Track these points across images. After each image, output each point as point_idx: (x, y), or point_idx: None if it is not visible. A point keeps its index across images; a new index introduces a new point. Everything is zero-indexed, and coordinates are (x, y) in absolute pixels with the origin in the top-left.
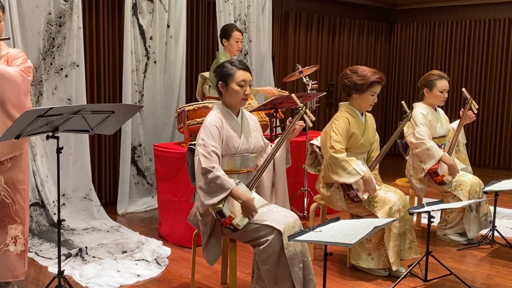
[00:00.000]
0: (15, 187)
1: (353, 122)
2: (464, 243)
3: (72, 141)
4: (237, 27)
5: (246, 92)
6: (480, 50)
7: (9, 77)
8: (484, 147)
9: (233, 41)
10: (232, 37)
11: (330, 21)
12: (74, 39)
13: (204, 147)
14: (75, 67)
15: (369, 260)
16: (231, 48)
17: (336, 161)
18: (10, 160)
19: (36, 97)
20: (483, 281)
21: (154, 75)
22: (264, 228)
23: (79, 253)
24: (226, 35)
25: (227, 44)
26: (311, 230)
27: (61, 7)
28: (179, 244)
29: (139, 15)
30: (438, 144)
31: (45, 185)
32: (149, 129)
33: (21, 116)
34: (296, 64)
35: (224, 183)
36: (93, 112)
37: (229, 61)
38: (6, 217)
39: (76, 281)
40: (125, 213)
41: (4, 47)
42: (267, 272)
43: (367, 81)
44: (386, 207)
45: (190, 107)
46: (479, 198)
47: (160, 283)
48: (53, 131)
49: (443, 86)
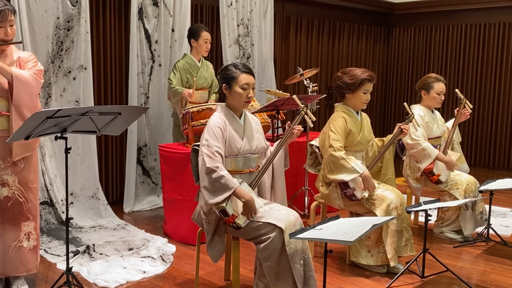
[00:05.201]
0: (27, 186)
1: (349, 120)
2: (460, 240)
3: (80, 141)
4: (206, 27)
5: (249, 95)
6: (475, 53)
7: (24, 80)
8: (480, 147)
9: (201, 42)
10: (200, 37)
11: (330, 26)
12: (82, 42)
13: (208, 147)
14: (83, 70)
15: (368, 257)
16: (200, 48)
17: (336, 159)
18: (23, 161)
19: (45, 99)
20: (478, 277)
21: (159, 77)
22: (266, 226)
23: (86, 250)
24: (195, 35)
25: (196, 45)
26: (311, 228)
27: (69, 11)
28: (183, 241)
29: (145, 19)
30: (434, 145)
31: (54, 185)
32: (154, 130)
33: (30, 117)
34: (297, 67)
35: (227, 182)
36: (100, 113)
37: (233, 64)
38: (19, 215)
39: (84, 278)
40: (131, 212)
41: (15, 50)
42: (269, 269)
43: (357, 79)
44: (384, 205)
45: (195, 109)
46: (475, 197)
47: (165, 280)
48: (62, 132)
49: (440, 89)
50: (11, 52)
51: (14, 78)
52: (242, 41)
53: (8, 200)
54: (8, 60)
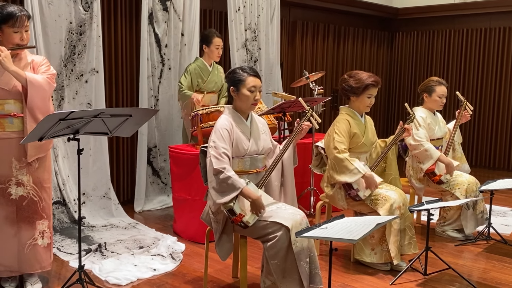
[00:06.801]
0: (41, 186)
1: (353, 123)
2: (461, 239)
3: (92, 143)
4: (218, 33)
5: (256, 98)
6: (476, 57)
7: (37, 84)
8: (480, 148)
9: (213, 48)
10: (212, 43)
11: (335, 30)
12: (93, 47)
13: (216, 149)
14: (95, 73)
15: (372, 255)
16: (212, 54)
17: (340, 161)
18: (37, 161)
19: (58, 102)
20: (479, 275)
21: (168, 80)
22: (273, 225)
23: (98, 248)
24: (207, 41)
25: (208, 50)
26: (317, 227)
27: (82, 16)
28: (193, 240)
29: (155, 24)
30: (436, 146)
31: (67, 185)
32: (164, 132)
33: (44, 119)
34: (303, 70)
35: (234, 183)
36: (112, 115)
37: (240, 67)
38: (34, 213)
39: (95, 275)
40: (142, 211)
41: (29, 54)
42: (275, 267)
43: (362, 84)
44: (387, 204)
45: (203, 111)
46: (476, 196)
47: (175, 277)
48: (74, 134)
49: (442, 92)
50: (25, 56)
51: (28, 82)
52: (249, 45)
53: (23, 200)
54: (22, 63)
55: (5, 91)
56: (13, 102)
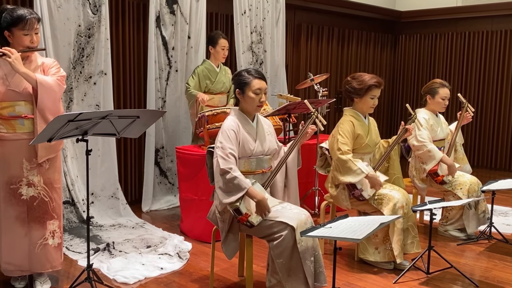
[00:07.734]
0: (52, 186)
1: (357, 124)
2: (463, 238)
3: (100, 144)
4: (224, 35)
5: (261, 100)
6: (478, 60)
7: (48, 86)
8: (482, 149)
9: (219, 49)
10: (218, 44)
11: (339, 33)
12: (102, 49)
13: (222, 149)
14: (103, 75)
15: (375, 254)
16: (217, 55)
17: (343, 162)
18: (48, 162)
19: (67, 103)
20: (481, 273)
21: (175, 82)
22: (278, 225)
23: (106, 247)
24: (213, 42)
25: (213, 51)
26: (321, 227)
27: (90, 19)
28: (199, 239)
29: (162, 27)
30: (438, 147)
31: (75, 185)
32: (171, 133)
33: (53, 121)
34: (308, 72)
35: (240, 183)
36: (120, 117)
37: (246, 70)
38: (45, 214)
39: (104, 274)
40: (149, 211)
41: (39, 57)
42: (281, 265)
43: (365, 85)
44: (391, 204)
45: (210, 112)
46: (478, 196)
47: (182, 276)
48: (83, 135)
49: (445, 94)
50: (35, 58)
51: (38, 84)
52: (255, 47)
53: (34, 200)
54: (32, 65)
55: (16, 93)
56: (23, 103)
